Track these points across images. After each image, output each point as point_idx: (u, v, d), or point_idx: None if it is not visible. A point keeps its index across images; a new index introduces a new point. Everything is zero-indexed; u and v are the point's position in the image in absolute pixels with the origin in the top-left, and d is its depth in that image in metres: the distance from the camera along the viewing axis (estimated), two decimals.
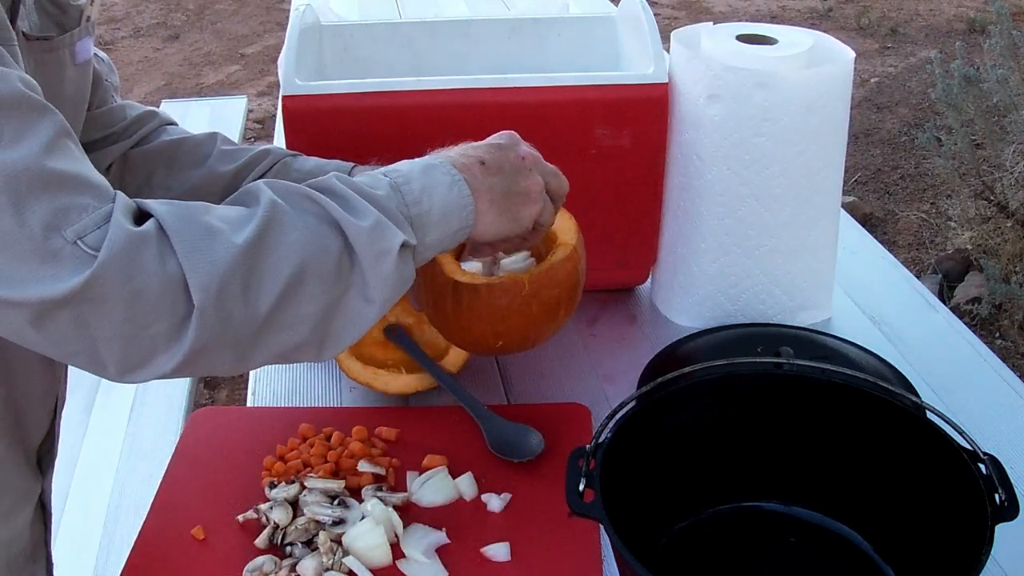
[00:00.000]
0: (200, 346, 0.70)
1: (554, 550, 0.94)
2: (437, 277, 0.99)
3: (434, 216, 0.82)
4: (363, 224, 0.76)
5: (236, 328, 0.71)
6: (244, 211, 0.74)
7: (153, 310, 0.69)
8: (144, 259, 0.68)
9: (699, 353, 1.15)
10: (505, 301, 0.98)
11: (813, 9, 5.98)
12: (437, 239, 0.83)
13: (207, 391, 2.80)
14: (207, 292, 0.69)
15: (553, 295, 1.00)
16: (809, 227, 1.23)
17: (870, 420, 0.90)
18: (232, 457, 1.07)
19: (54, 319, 0.68)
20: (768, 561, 0.93)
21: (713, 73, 1.15)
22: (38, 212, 0.66)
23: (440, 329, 1.06)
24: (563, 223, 1.06)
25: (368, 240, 0.76)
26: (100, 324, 0.68)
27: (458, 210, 0.83)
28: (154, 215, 0.71)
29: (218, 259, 0.70)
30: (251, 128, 4.36)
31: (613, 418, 0.85)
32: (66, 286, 0.66)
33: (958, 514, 0.80)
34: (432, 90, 1.17)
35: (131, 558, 0.95)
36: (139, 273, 0.68)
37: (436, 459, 1.05)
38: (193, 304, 0.69)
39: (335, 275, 0.75)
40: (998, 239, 3.24)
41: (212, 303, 0.69)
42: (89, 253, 0.67)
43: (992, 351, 1.26)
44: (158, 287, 0.68)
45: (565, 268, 1.00)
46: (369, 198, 0.78)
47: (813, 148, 1.18)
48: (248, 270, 0.71)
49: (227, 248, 0.70)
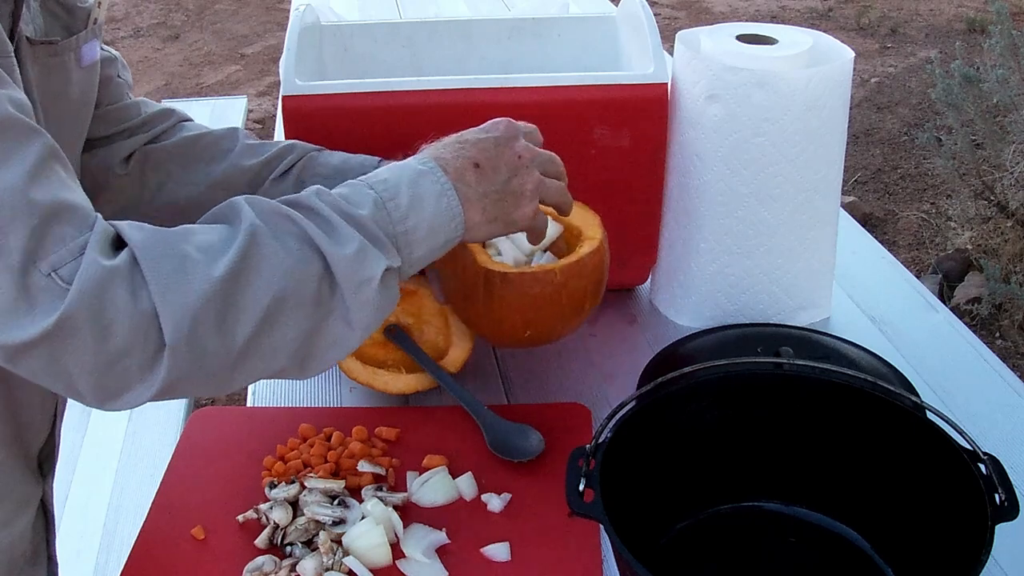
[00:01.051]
0: (175, 377, 0.70)
1: (554, 550, 0.94)
2: (469, 267, 1.02)
3: (421, 233, 0.80)
4: (345, 252, 0.74)
5: (211, 360, 0.71)
6: (223, 235, 0.73)
7: (124, 345, 0.68)
8: (115, 294, 0.67)
9: (699, 353, 1.15)
10: (537, 290, 1.01)
11: (813, 9, 5.98)
12: (424, 255, 0.82)
13: None
14: (179, 329, 0.68)
15: (581, 286, 1.03)
16: (809, 227, 1.23)
17: (870, 420, 0.90)
18: (232, 457, 1.07)
19: (29, 357, 0.68)
20: (768, 561, 0.93)
21: (713, 73, 1.15)
22: (15, 242, 0.66)
23: (468, 320, 1.08)
24: (587, 218, 1.09)
25: (350, 268, 0.74)
26: (73, 359, 0.68)
27: (447, 222, 0.82)
28: (129, 244, 0.70)
29: (192, 294, 0.69)
30: (251, 128, 4.36)
31: (613, 418, 0.85)
32: (39, 327, 0.66)
33: (958, 514, 0.80)
34: (432, 90, 1.17)
35: (131, 558, 0.95)
36: (109, 308, 0.67)
37: (436, 459, 1.05)
38: (165, 341, 0.68)
39: (315, 303, 0.74)
40: (998, 239, 3.24)
41: (184, 339, 0.69)
42: (62, 287, 0.66)
43: (992, 351, 1.26)
44: (129, 323, 0.67)
45: (593, 261, 1.04)
46: (352, 220, 0.76)
47: (813, 148, 1.18)
48: (224, 303, 0.70)
49: (202, 281, 0.69)
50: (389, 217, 0.78)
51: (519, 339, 1.10)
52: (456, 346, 1.19)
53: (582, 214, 1.09)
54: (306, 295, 0.73)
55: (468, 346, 1.20)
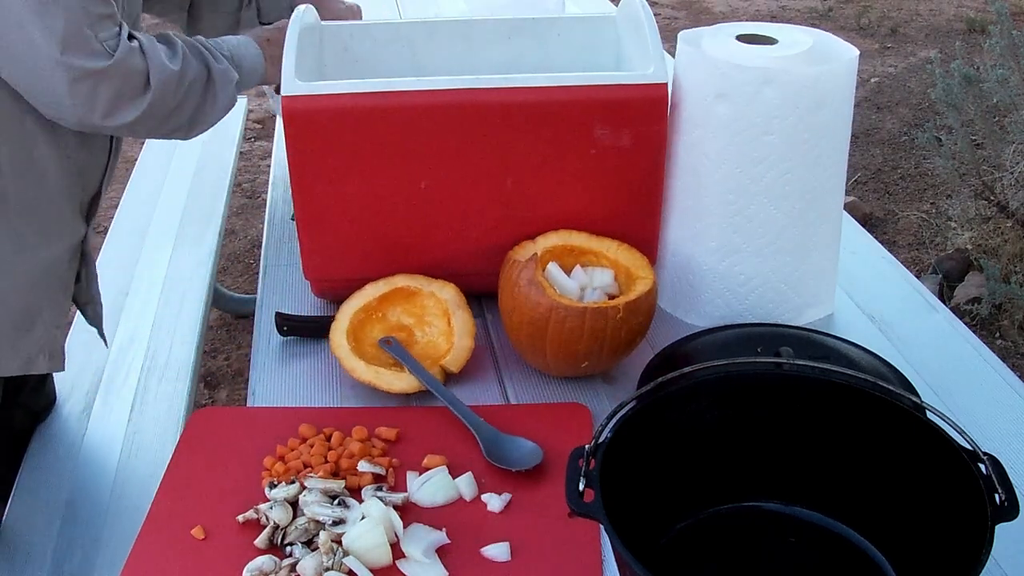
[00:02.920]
0: (144, 111, 1.26)
1: (554, 550, 0.94)
2: (541, 302, 1.11)
3: (246, 64, 1.43)
4: (220, 66, 1.36)
5: (165, 105, 1.29)
6: (172, 51, 1.30)
7: (130, 86, 1.25)
8: (133, 61, 1.24)
9: (699, 353, 1.15)
10: (601, 324, 1.10)
11: (813, 9, 5.98)
12: (248, 76, 1.44)
13: (207, 391, 2.80)
14: (156, 86, 1.27)
15: (637, 322, 1.14)
16: (817, 224, 1.23)
17: (870, 420, 0.90)
18: (232, 457, 1.07)
19: (83, 82, 1.21)
20: (768, 561, 0.93)
21: (721, 72, 1.15)
22: (93, 15, 1.20)
23: (530, 349, 1.16)
24: (636, 260, 1.21)
25: (220, 74, 1.36)
26: (104, 89, 1.22)
27: (257, 66, 1.45)
28: (137, 39, 1.26)
29: (165, 71, 1.27)
30: (251, 128, 4.36)
31: (613, 418, 0.85)
32: (93, 67, 1.20)
33: (958, 514, 0.80)
34: (432, 90, 1.17)
35: (131, 558, 0.95)
36: (130, 67, 1.24)
37: (436, 459, 1.05)
38: (151, 86, 1.26)
39: (203, 89, 1.34)
40: (998, 239, 3.24)
41: (159, 90, 1.27)
42: (107, 51, 1.21)
43: (992, 351, 1.26)
44: (136, 76, 1.25)
45: (648, 300, 1.15)
46: (223, 53, 1.39)
47: (821, 145, 1.18)
48: (178, 78, 1.29)
49: (168, 67, 1.28)
50: (233, 56, 1.41)
51: (576, 369, 1.17)
52: (458, 345, 1.19)
53: (629, 255, 1.22)
54: (202, 83, 1.34)
55: (469, 345, 1.20)
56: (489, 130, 1.19)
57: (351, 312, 1.22)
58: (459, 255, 1.27)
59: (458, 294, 1.24)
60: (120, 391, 1.83)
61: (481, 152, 1.20)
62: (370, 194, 1.22)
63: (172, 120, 1.32)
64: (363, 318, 1.23)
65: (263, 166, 4.03)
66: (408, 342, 1.23)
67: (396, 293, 1.25)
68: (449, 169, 1.21)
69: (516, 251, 1.22)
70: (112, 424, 1.75)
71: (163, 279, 2.18)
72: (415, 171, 1.21)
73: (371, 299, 1.24)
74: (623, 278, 1.21)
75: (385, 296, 1.24)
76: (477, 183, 1.22)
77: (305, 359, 1.25)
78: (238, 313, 3.07)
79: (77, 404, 1.79)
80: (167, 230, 2.38)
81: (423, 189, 1.22)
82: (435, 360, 1.19)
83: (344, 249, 1.27)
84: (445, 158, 1.20)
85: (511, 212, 1.24)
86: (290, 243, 1.52)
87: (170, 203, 2.51)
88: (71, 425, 1.76)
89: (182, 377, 1.86)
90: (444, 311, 1.23)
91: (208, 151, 2.73)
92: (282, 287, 1.41)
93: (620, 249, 1.23)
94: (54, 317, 1.44)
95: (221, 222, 2.44)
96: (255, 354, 1.27)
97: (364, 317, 1.23)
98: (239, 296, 3.11)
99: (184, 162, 2.70)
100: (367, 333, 1.23)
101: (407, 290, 1.25)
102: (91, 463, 1.69)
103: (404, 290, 1.25)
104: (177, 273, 2.20)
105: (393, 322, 1.25)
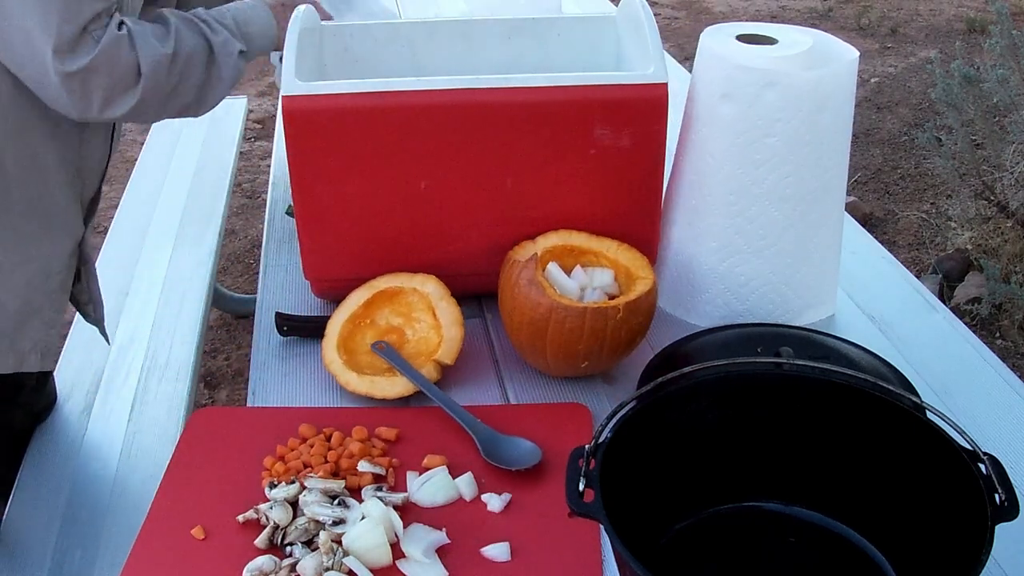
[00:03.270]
0: (140, 99, 1.28)
1: (554, 550, 0.94)
2: (541, 302, 1.10)
3: (254, 27, 1.42)
4: (219, 39, 1.36)
5: (159, 92, 1.30)
6: (163, 32, 1.30)
7: (120, 78, 1.26)
8: (121, 51, 1.25)
9: (699, 353, 1.15)
10: (601, 324, 1.10)
11: (813, 9, 5.98)
12: (257, 44, 1.43)
13: (207, 391, 2.80)
14: (147, 74, 1.27)
15: (637, 322, 1.13)
16: (818, 225, 1.23)
17: (870, 420, 0.90)
18: (232, 457, 1.07)
19: (72, 81, 1.23)
20: (768, 561, 0.93)
21: (725, 72, 1.16)
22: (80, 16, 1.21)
23: (529, 349, 1.16)
24: (636, 260, 1.21)
25: (222, 47, 1.36)
26: (95, 83, 1.25)
27: (268, 30, 1.44)
28: (126, 25, 1.26)
29: (155, 57, 1.27)
30: (251, 128, 4.36)
31: (613, 418, 0.85)
32: (82, 62, 1.22)
33: (958, 514, 0.80)
34: (432, 90, 1.17)
35: (131, 558, 0.95)
36: (118, 57, 1.25)
37: (436, 459, 1.05)
38: (142, 73, 1.27)
39: (205, 65, 1.34)
40: (998, 239, 3.24)
41: (150, 79, 1.27)
42: (95, 40, 1.22)
43: (992, 351, 1.26)
44: (125, 66, 1.26)
45: (648, 300, 1.14)
46: (224, 24, 1.38)
47: (822, 147, 1.18)
48: (170, 62, 1.29)
49: (159, 52, 1.28)
50: (239, 28, 1.40)
51: (576, 369, 1.17)
52: (447, 336, 1.19)
53: (629, 255, 1.22)
54: (202, 60, 1.33)
55: (459, 334, 1.19)
56: (489, 130, 1.19)
57: (339, 324, 1.22)
58: (459, 255, 1.27)
59: (440, 285, 1.23)
60: (120, 391, 1.83)
61: (481, 152, 1.20)
62: (370, 194, 1.22)
63: (175, 101, 1.33)
64: (351, 328, 1.23)
65: (263, 166, 4.03)
66: (400, 342, 1.22)
67: (380, 296, 1.24)
68: (449, 169, 1.21)
69: (516, 251, 1.22)
70: (112, 424, 1.75)
71: (163, 279, 2.18)
72: (415, 171, 1.21)
73: (356, 307, 1.23)
74: (623, 278, 1.21)
75: (370, 301, 1.24)
76: (477, 183, 1.22)
77: (305, 359, 1.25)
78: (238, 313, 3.07)
79: (77, 404, 1.79)
80: (167, 230, 2.38)
81: (423, 189, 1.22)
82: (428, 356, 1.19)
83: (344, 249, 1.27)
84: (445, 158, 1.20)
85: (511, 212, 1.24)
86: (290, 243, 1.52)
87: (170, 203, 2.50)
88: (71, 425, 1.76)
89: (182, 377, 1.86)
90: (428, 305, 1.23)
91: (208, 151, 2.73)
92: (282, 287, 1.41)
93: (620, 249, 1.23)
94: (51, 316, 1.45)
95: (221, 222, 2.44)
96: (255, 354, 1.27)
97: (352, 327, 1.23)
98: (239, 296, 3.11)
99: (184, 162, 2.70)
100: (359, 341, 1.22)
101: (390, 291, 1.25)
102: (91, 463, 1.69)
103: (387, 291, 1.25)
104: (177, 273, 2.20)
105: (383, 325, 1.24)
